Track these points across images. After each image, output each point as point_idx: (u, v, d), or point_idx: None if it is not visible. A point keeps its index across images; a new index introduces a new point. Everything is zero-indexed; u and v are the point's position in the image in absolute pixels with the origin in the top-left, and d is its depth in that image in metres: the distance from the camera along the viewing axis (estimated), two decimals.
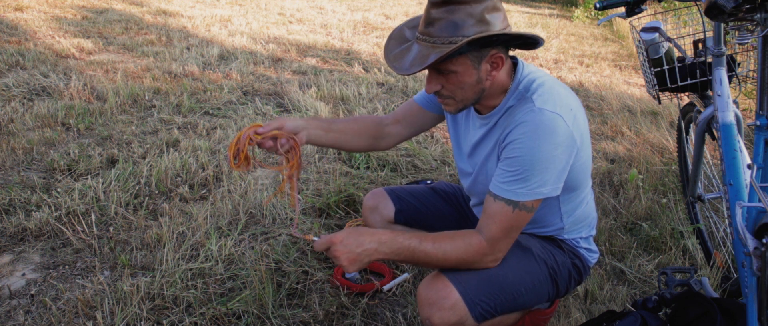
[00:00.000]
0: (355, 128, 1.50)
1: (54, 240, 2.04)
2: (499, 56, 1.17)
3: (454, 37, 1.10)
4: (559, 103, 1.17)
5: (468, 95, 1.21)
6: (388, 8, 8.98)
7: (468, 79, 1.17)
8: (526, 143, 1.15)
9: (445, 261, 1.21)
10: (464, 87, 1.18)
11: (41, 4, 6.54)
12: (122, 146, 2.86)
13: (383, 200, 1.65)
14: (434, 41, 1.12)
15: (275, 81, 4.21)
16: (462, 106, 1.24)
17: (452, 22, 1.10)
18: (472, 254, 1.20)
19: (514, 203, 1.17)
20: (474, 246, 1.20)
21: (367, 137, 1.52)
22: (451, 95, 1.21)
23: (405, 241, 1.19)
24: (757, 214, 1.25)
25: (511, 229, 1.20)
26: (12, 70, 3.97)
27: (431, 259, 1.20)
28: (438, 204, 1.66)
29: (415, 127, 1.55)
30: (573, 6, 10.52)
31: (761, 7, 1.20)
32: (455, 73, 1.16)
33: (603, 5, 1.68)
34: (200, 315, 1.66)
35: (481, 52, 1.15)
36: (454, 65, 1.15)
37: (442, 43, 1.11)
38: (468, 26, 1.09)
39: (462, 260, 1.21)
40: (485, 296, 1.22)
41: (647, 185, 2.59)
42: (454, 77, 1.17)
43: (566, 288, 1.40)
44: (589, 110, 3.97)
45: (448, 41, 1.10)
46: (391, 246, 1.19)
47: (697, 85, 1.88)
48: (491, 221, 1.20)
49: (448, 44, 1.10)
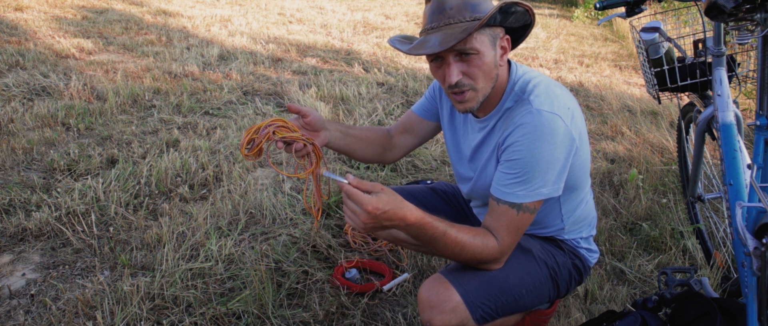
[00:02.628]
0: (369, 136, 1.52)
1: (54, 240, 2.04)
2: (507, 39, 1.20)
3: (476, 15, 1.12)
4: (557, 103, 1.17)
5: (487, 82, 1.19)
6: (388, 8, 8.98)
7: (488, 60, 1.16)
8: (525, 145, 1.15)
9: (461, 254, 1.18)
10: (485, 69, 1.16)
11: (41, 4, 6.54)
12: (122, 146, 2.86)
13: None
14: (458, 21, 1.13)
15: (275, 81, 4.20)
16: (482, 96, 1.20)
17: (469, 3, 1.13)
18: (487, 255, 1.20)
19: (518, 206, 1.17)
20: (490, 248, 1.19)
21: (378, 147, 1.54)
22: (472, 83, 1.17)
23: (431, 232, 1.13)
24: (757, 214, 1.25)
25: (517, 231, 1.21)
26: (12, 70, 3.97)
27: (449, 248, 1.16)
28: (437, 204, 1.66)
29: (417, 137, 1.58)
30: (573, 6, 10.52)
31: (761, 7, 1.20)
32: (477, 54, 1.14)
33: (603, 5, 1.68)
34: (200, 315, 1.66)
35: (494, 32, 1.17)
36: (477, 43, 1.14)
37: (467, 20, 1.12)
38: (484, 3, 1.13)
39: (475, 257, 1.20)
40: (486, 298, 1.22)
41: (647, 185, 2.59)
42: (476, 59, 1.15)
43: (567, 288, 1.40)
44: (589, 110, 3.97)
45: (471, 18, 1.12)
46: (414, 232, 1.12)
47: (697, 85, 1.88)
48: (499, 225, 1.20)
49: (473, 21, 1.11)
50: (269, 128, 1.20)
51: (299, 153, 1.23)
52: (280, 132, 1.21)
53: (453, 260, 1.23)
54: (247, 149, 1.21)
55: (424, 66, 4.99)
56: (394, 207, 1.05)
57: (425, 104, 1.53)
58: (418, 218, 1.10)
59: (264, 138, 1.20)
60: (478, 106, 1.21)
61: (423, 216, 1.11)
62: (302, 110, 1.30)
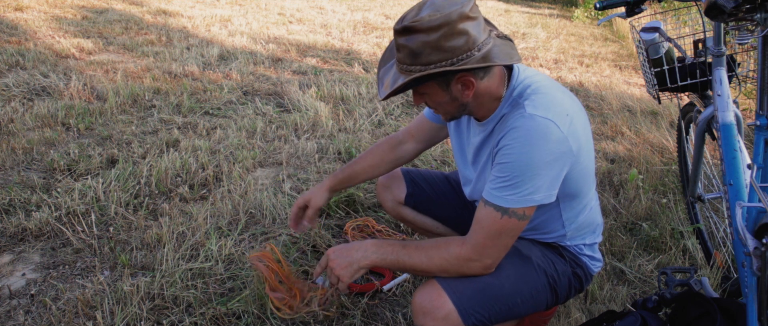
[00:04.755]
0: (373, 162, 1.62)
1: (54, 240, 2.04)
2: (469, 79, 1.14)
3: (413, 66, 1.12)
4: (553, 108, 1.14)
5: (449, 109, 1.24)
6: (388, 8, 8.98)
7: (440, 99, 1.20)
8: (516, 148, 1.13)
9: (429, 269, 1.23)
10: (440, 105, 1.22)
11: (41, 4, 6.54)
12: (122, 146, 2.86)
13: (397, 180, 1.70)
14: (402, 68, 1.15)
15: (275, 81, 4.21)
16: (450, 117, 1.28)
17: (411, 51, 1.10)
18: (452, 262, 1.20)
19: (504, 210, 1.15)
20: (453, 254, 1.19)
21: (386, 165, 1.63)
22: (435, 109, 1.26)
23: (390, 247, 1.25)
24: (757, 214, 1.25)
25: (499, 235, 1.17)
26: (12, 70, 3.97)
27: (416, 266, 1.24)
28: (448, 193, 1.67)
29: (428, 141, 1.61)
30: (573, 6, 10.52)
31: (761, 7, 1.20)
32: (427, 94, 1.20)
33: (603, 5, 1.68)
34: (200, 315, 1.66)
35: (446, 77, 1.14)
36: (422, 88, 1.19)
37: (406, 70, 1.14)
38: (425, 55, 1.09)
39: (443, 268, 1.22)
40: (479, 306, 1.20)
41: (647, 185, 2.59)
42: (427, 97, 1.21)
43: (566, 296, 1.38)
44: (589, 110, 3.97)
45: (407, 70, 1.13)
46: (378, 253, 1.25)
47: (697, 85, 1.88)
48: (478, 226, 1.19)
49: (409, 73, 1.13)
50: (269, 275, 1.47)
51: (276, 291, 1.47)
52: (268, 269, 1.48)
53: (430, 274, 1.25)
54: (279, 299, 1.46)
55: None
56: (346, 253, 1.26)
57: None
58: (375, 244, 1.26)
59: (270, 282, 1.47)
60: (451, 120, 1.29)
61: (372, 262, 1.25)
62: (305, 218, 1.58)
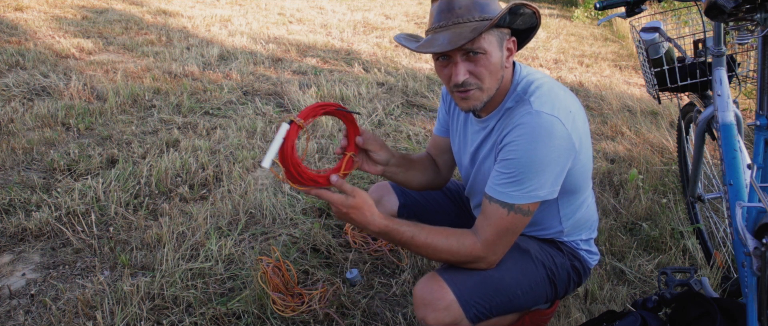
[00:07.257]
0: (423, 161, 1.55)
1: (54, 240, 2.04)
2: (513, 40, 1.21)
3: (485, 15, 1.12)
4: (558, 105, 1.16)
5: (493, 83, 1.19)
6: (388, 8, 8.98)
7: (495, 60, 1.16)
8: (522, 145, 1.14)
9: (436, 254, 1.22)
10: (492, 69, 1.16)
11: (41, 4, 6.54)
12: (122, 146, 2.86)
13: (387, 193, 1.67)
14: (471, 18, 1.12)
15: (275, 81, 4.20)
16: (486, 96, 1.20)
17: (478, 3, 1.13)
18: (464, 254, 1.20)
19: (510, 206, 1.16)
20: (467, 247, 1.20)
21: (430, 172, 1.56)
22: (479, 82, 1.17)
23: (402, 228, 1.21)
24: (757, 214, 1.25)
25: (506, 232, 1.19)
26: (12, 70, 3.97)
27: (421, 250, 1.22)
28: (441, 200, 1.67)
29: (447, 154, 1.58)
30: (573, 6, 10.51)
31: (761, 7, 1.20)
32: (485, 54, 1.14)
33: (603, 5, 1.68)
34: (200, 315, 1.66)
35: (502, 33, 1.17)
36: (485, 43, 1.13)
37: (476, 20, 1.12)
38: (491, 6, 1.14)
39: (452, 257, 1.22)
40: (480, 297, 1.22)
41: (647, 185, 2.59)
42: (483, 59, 1.15)
43: (565, 290, 1.40)
44: (589, 110, 3.97)
45: (480, 18, 1.12)
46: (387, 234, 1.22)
47: (697, 85, 1.87)
48: (486, 223, 1.19)
49: (482, 21, 1.11)
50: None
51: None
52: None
53: (436, 260, 1.25)
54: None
55: (424, 66, 5.00)
56: (358, 211, 1.17)
57: (441, 121, 1.54)
58: (381, 226, 1.19)
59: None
60: (482, 105, 1.21)
61: (387, 225, 1.19)
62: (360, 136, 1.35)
